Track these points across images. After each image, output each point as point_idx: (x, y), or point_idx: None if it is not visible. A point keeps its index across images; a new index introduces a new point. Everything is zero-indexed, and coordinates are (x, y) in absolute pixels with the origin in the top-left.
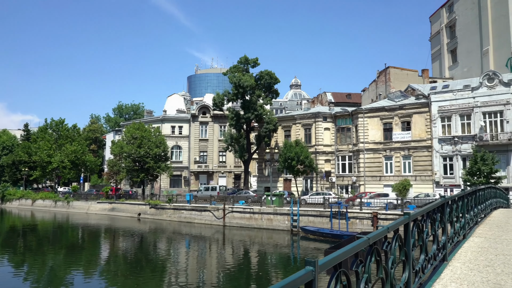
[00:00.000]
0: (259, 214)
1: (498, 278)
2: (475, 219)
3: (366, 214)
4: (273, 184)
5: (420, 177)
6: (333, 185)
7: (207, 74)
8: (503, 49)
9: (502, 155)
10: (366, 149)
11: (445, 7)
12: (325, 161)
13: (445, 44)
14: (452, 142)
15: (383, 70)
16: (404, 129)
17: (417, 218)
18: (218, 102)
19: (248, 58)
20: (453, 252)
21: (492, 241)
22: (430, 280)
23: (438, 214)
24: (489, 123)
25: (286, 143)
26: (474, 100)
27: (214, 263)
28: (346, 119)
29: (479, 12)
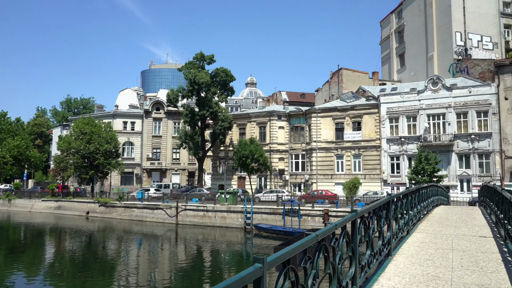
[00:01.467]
0: (212, 212)
1: (437, 271)
2: (418, 216)
3: (318, 212)
4: (227, 182)
5: (369, 175)
6: (286, 183)
7: (162, 69)
8: (446, 55)
9: (443, 155)
10: (319, 148)
11: (395, 13)
12: (279, 159)
13: (394, 48)
14: (399, 142)
15: (336, 71)
16: (355, 129)
17: (363, 215)
18: (173, 98)
19: (204, 55)
20: (398, 247)
21: (432, 236)
22: (375, 275)
23: (383, 211)
24: (432, 125)
25: (241, 141)
26: (420, 102)
27: (166, 262)
28: (300, 118)
29: (425, 20)
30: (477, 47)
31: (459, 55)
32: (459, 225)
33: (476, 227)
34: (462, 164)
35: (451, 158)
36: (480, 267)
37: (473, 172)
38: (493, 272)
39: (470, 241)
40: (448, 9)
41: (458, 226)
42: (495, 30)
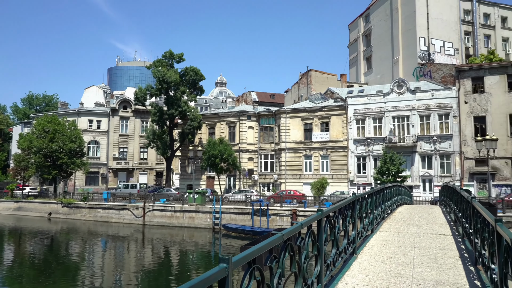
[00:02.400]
0: (180, 212)
1: (399, 268)
2: (382, 215)
3: (286, 211)
4: (196, 181)
5: (336, 175)
6: (255, 183)
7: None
8: (411, 59)
9: (407, 156)
10: (288, 148)
11: (362, 17)
12: (248, 159)
13: (362, 51)
14: (365, 143)
15: (305, 73)
16: (323, 130)
17: (329, 215)
18: (141, 97)
19: (173, 53)
20: (362, 245)
21: (396, 235)
22: (340, 273)
23: (349, 211)
24: (397, 127)
25: (210, 140)
26: (385, 105)
27: (133, 264)
28: (269, 119)
29: (391, 24)
30: (439, 52)
31: (423, 60)
32: (421, 223)
33: (436, 225)
34: (425, 164)
35: (415, 159)
36: (439, 264)
37: (435, 172)
38: (451, 268)
39: (431, 239)
40: (413, 15)
41: (419, 224)
42: (457, 36)
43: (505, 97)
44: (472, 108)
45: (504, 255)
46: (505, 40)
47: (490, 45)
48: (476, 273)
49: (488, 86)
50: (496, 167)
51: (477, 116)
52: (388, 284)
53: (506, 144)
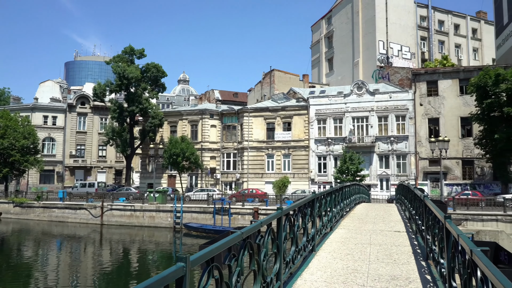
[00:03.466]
0: (141, 212)
1: (356, 264)
2: (341, 213)
3: (248, 210)
4: (157, 180)
5: (298, 174)
6: (217, 182)
7: (88, 61)
8: (370, 62)
9: (366, 156)
10: (250, 147)
11: (325, 19)
12: (210, 158)
13: (324, 53)
14: (326, 143)
15: (268, 72)
16: (285, 129)
17: (289, 213)
18: (100, 93)
19: (133, 48)
20: (321, 243)
21: (353, 232)
22: (299, 270)
23: (308, 209)
24: (357, 127)
25: (172, 138)
26: (346, 105)
27: (90, 264)
28: (232, 117)
29: (352, 27)
30: (397, 56)
31: (382, 63)
32: (377, 221)
33: (392, 222)
34: (382, 164)
35: (373, 159)
36: (394, 260)
37: (392, 171)
38: (404, 264)
39: (386, 236)
40: (373, 19)
41: (376, 222)
42: (413, 41)
43: (456, 101)
44: (426, 110)
45: (452, 250)
46: (457, 46)
47: (444, 51)
48: (427, 268)
49: (441, 90)
50: (448, 167)
51: (431, 118)
52: (345, 280)
53: (457, 145)
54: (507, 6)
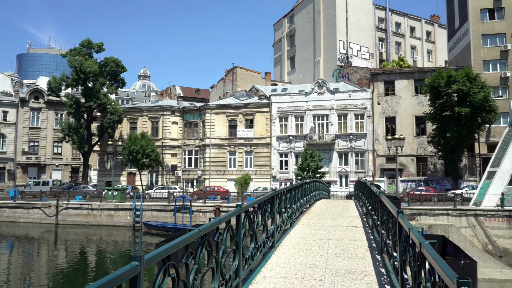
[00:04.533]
0: (98, 210)
1: (314, 259)
2: (301, 209)
3: (209, 207)
4: (116, 178)
5: (260, 171)
6: (179, 179)
7: (43, 54)
8: (331, 61)
9: (326, 153)
10: (212, 144)
11: (287, 18)
12: (171, 155)
13: (286, 51)
14: (287, 140)
15: (231, 69)
16: (247, 126)
17: (248, 210)
18: (55, 87)
19: (91, 42)
20: (281, 239)
21: (312, 228)
22: (259, 266)
23: (268, 206)
24: (317, 125)
25: (132, 135)
26: (307, 104)
27: (44, 266)
28: (194, 114)
29: (314, 27)
30: (356, 56)
31: (342, 62)
32: (336, 217)
33: (350, 218)
34: (342, 161)
35: (333, 156)
36: (350, 254)
37: (351, 168)
38: (360, 258)
39: (344, 231)
40: (334, 19)
41: (335, 218)
42: (372, 42)
43: (412, 100)
44: (384, 109)
45: (403, 244)
46: (413, 48)
47: (400, 52)
48: (381, 261)
49: (398, 90)
50: (403, 163)
51: (388, 116)
52: (303, 275)
53: (412, 143)
54: (458, 11)
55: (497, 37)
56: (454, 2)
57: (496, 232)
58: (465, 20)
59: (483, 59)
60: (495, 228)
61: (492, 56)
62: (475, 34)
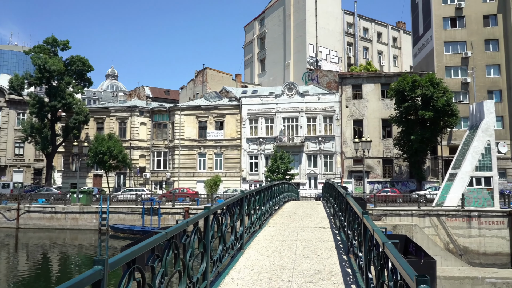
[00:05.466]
0: (62, 214)
1: (282, 260)
2: (270, 211)
3: (178, 210)
4: (82, 180)
5: (229, 173)
6: (147, 181)
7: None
8: (300, 64)
9: (296, 155)
10: (182, 146)
11: (258, 20)
12: (140, 156)
13: (256, 53)
14: (257, 142)
15: (201, 71)
16: (217, 128)
17: (217, 212)
18: (17, 86)
19: (57, 39)
20: (250, 241)
21: (281, 229)
22: (227, 268)
23: (237, 207)
24: (287, 127)
25: (98, 136)
26: (277, 106)
27: (3, 272)
28: (163, 115)
29: (284, 30)
30: (326, 59)
31: (311, 65)
32: (304, 218)
33: (318, 219)
34: (311, 163)
35: (302, 158)
36: (318, 255)
37: (319, 170)
38: (327, 258)
39: (312, 232)
40: (303, 23)
41: (303, 219)
42: (341, 46)
43: (378, 104)
44: (352, 112)
45: (368, 244)
46: (380, 53)
47: (368, 57)
48: (348, 261)
49: (365, 93)
50: (370, 165)
51: (356, 119)
52: (271, 276)
53: (378, 145)
54: (422, 18)
55: (458, 45)
56: (419, 9)
57: (457, 231)
58: (428, 27)
59: (446, 65)
60: (456, 228)
61: (453, 62)
62: (438, 41)
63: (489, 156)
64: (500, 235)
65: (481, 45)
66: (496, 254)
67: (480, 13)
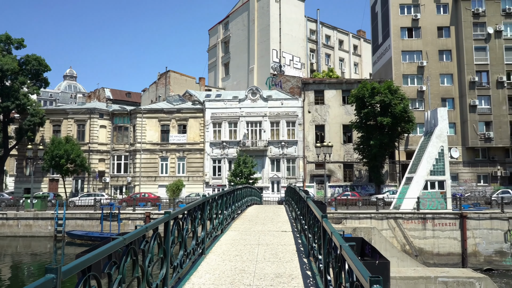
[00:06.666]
0: (14, 220)
1: (244, 264)
2: (232, 215)
3: (139, 215)
4: (36, 185)
5: (192, 177)
6: (106, 186)
7: None
8: (264, 69)
9: (259, 159)
10: (143, 150)
11: (222, 24)
12: (99, 160)
13: (220, 57)
14: (221, 146)
15: (164, 73)
16: (180, 131)
17: (177, 217)
18: None
19: (10, 37)
20: (212, 245)
21: (243, 234)
22: (188, 274)
23: (198, 212)
24: (251, 131)
25: (55, 139)
26: (240, 110)
27: None
28: (124, 118)
29: (248, 35)
30: (289, 65)
31: (275, 70)
32: (266, 222)
33: (280, 223)
34: (274, 167)
35: (265, 162)
36: (279, 258)
37: (282, 174)
38: (288, 262)
39: (274, 236)
40: (267, 28)
41: (265, 223)
42: (304, 52)
43: (340, 109)
44: (314, 118)
45: (327, 247)
46: (341, 60)
47: (330, 63)
48: (308, 264)
49: (327, 99)
50: (331, 170)
51: (318, 124)
52: (232, 281)
53: (339, 150)
54: (381, 28)
55: (415, 54)
56: (378, 19)
57: (413, 233)
58: (387, 37)
59: (403, 73)
60: (412, 230)
61: (410, 71)
62: (396, 50)
63: (442, 161)
64: (452, 236)
65: (436, 55)
66: (449, 254)
67: (435, 24)
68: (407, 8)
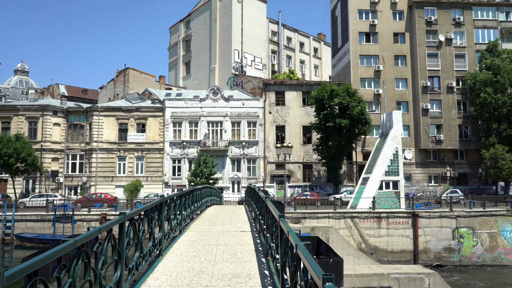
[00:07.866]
0: None
1: (202, 265)
2: (191, 216)
3: (95, 216)
4: None
5: (151, 178)
6: (60, 186)
7: None
8: (226, 69)
9: (220, 159)
10: (100, 149)
11: (184, 22)
12: (52, 159)
13: (181, 56)
14: (181, 146)
15: (122, 71)
16: (139, 130)
17: (133, 218)
18: None
19: None
20: (169, 246)
21: (202, 234)
22: (144, 276)
23: (156, 213)
24: (212, 131)
25: (4, 137)
26: (201, 110)
27: None
28: (80, 116)
29: (210, 34)
30: (250, 65)
31: (236, 71)
32: (226, 222)
33: (239, 223)
34: (235, 167)
35: (226, 162)
36: (237, 258)
37: (243, 175)
38: (246, 262)
39: (233, 236)
40: (229, 28)
41: (224, 223)
42: (265, 53)
43: (300, 111)
44: (275, 118)
45: (284, 246)
46: (302, 62)
47: (291, 65)
48: (266, 264)
49: (288, 100)
50: (291, 170)
51: (279, 125)
52: (189, 282)
53: (299, 150)
54: (341, 32)
55: (372, 58)
56: (338, 23)
57: (368, 232)
58: (346, 41)
59: (361, 77)
60: (368, 228)
61: (368, 74)
62: (354, 54)
63: (396, 162)
64: (405, 234)
65: (391, 60)
66: (402, 252)
67: (391, 30)
68: (365, 13)
